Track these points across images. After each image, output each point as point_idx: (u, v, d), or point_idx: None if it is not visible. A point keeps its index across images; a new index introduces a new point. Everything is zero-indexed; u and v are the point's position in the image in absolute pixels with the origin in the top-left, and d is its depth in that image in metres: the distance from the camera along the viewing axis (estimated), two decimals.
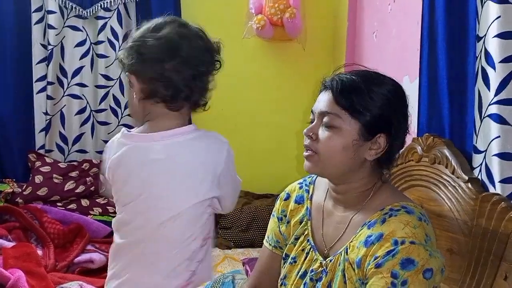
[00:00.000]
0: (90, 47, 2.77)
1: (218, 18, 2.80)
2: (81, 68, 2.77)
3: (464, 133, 1.53)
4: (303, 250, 1.16)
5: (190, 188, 1.10)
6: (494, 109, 1.30)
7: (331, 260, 1.08)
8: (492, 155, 1.31)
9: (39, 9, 2.67)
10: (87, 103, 2.80)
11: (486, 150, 1.35)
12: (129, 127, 3.00)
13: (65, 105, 2.77)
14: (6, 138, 2.68)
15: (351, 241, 1.06)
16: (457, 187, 1.42)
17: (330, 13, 2.93)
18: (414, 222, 1.00)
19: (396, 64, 2.13)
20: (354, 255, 1.03)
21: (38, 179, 2.58)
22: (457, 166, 1.43)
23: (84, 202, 2.58)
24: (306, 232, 1.17)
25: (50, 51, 2.69)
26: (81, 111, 2.80)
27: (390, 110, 1.06)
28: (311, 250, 1.14)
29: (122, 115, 2.81)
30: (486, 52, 1.32)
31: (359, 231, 1.05)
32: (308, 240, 1.16)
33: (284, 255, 1.22)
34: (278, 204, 1.27)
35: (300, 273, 1.14)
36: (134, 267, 1.13)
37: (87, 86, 2.79)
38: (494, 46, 1.30)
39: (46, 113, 2.73)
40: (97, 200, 2.61)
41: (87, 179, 2.66)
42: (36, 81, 2.70)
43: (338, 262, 1.06)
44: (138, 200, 1.10)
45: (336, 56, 2.89)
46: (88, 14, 2.73)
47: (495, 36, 1.29)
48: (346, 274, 1.04)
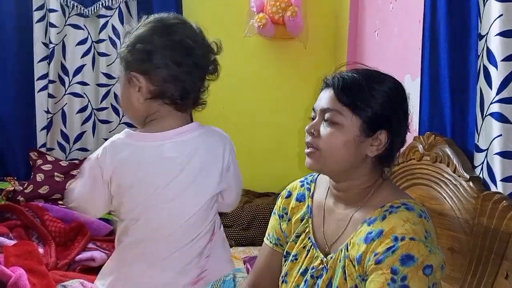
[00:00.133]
0: (91, 46, 2.77)
1: (219, 16, 2.80)
2: (82, 66, 2.77)
3: (466, 131, 1.53)
4: (304, 248, 1.16)
5: (201, 184, 1.10)
6: (495, 107, 1.30)
7: (331, 257, 1.08)
8: (494, 154, 1.31)
9: (40, 7, 2.67)
10: (89, 101, 2.80)
11: (487, 149, 1.34)
12: (129, 125, 2.98)
13: (66, 103, 2.77)
14: (7, 136, 2.68)
15: (352, 238, 1.06)
16: (458, 186, 1.41)
17: (331, 11, 2.93)
18: (414, 218, 1.00)
19: (398, 63, 2.13)
20: (354, 252, 1.03)
21: (40, 177, 2.58)
22: (458, 164, 1.43)
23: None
24: (307, 230, 1.17)
25: (51, 49, 2.70)
26: (82, 110, 2.80)
27: (391, 107, 1.06)
28: (312, 247, 1.14)
29: (123, 113, 2.81)
30: (488, 50, 1.32)
31: (360, 228, 1.05)
32: (309, 238, 1.16)
33: (285, 253, 1.22)
34: (280, 202, 1.28)
35: (301, 270, 1.14)
36: (139, 266, 1.11)
37: (88, 85, 2.79)
38: (496, 44, 1.29)
39: (48, 111, 2.73)
40: None
41: None
42: (37, 79, 2.70)
43: (339, 259, 1.07)
44: (148, 203, 1.08)
45: (337, 55, 2.89)
46: (90, 13, 2.73)
47: (497, 35, 1.29)
48: (347, 270, 1.04)
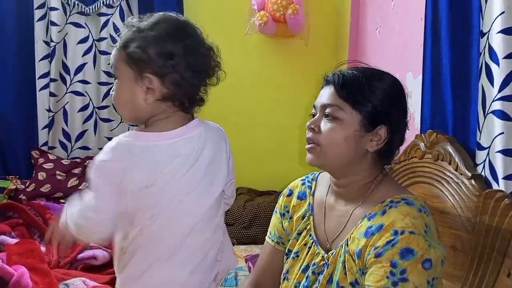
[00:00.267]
0: (92, 44, 2.77)
1: (220, 14, 2.80)
2: (83, 65, 2.77)
3: (468, 129, 1.53)
4: (305, 245, 1.17)
5: (213, 176, 1.10)
6: (497, 105, 1.30)
7: (332, 253, 1.09)
8: (496, 152, 1.31)
9: (41, 6, 2.67)
10: (90, 100, 2.81)
11: (489, 147, 1.34)
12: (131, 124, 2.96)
13: (68, 102, 2.78)
14: (9, 135, 2.69)
15: (352, 233, 1.07)
16: (460, 184, 1.41)
17: (332, 9, 2.93)
18: (414, 213, 1.01)
19: (399, 61, 2.12)
20: (354, 246, 1.04)
21: (41, 176, 2.59)
22: (460, 162, 1.43)
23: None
24: (308, 227, 1.18)
25: (52, 48, 2.70)
26: (84, 108, 2.80)
27: (390, 102, 1.08)
28: (313, 244, 1.15)
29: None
30: (490, 48, 1.32)
31: (360, 223, 1.06)
32: (310, 235, 1.17)
33: (286, 250, 1.22)
34: (281, 200, 1.28)
35: (302, 267, 1.15)
36: (164, 267, 1.07)
37: (89, 83, 2.80)
38: (498, 42, 1.29)
39: (49, 110, 2.74)
40: None
41: None
42: (39, 78, 2.71)
43: (339, 254, 1.07)
44: (166, 199, 1.06)
45: (338, 53, 2.88)
46: (91, 11, 2.73)
47: (499, 32, 1.28)
48: (347, 265, 1.05)
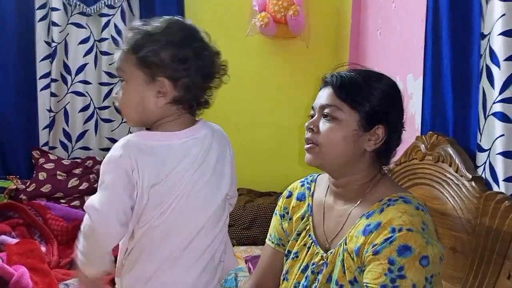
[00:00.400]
0: (94, 44, 2.78)
1: (221, 15, 2.80)
2: (84, 65, 2.77)
3: (468, 131, 1.53)
4: (304, 245, 1.17)
5: (220, 176, 1.11)
6: (498, 107, 1.30)
7: (331, 252, 1.10)
8: (496, 154, 1.31)
9: (43, 6, 2.67)
10: (91, 100, 2.80)
11: (490, 149, 1.34)
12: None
13: (68, 102, 2.78)
14: (10, 135, 2.68)
15: (350, 231, 1.08)
16: (460, 186, 1.41)
17: (333, 10, 2.93)
18: (412, 211, 1.02)
19: (400, 62, 2.12)
20: (352, 245, 1.05)
21: (42, 176, 2.59)
22: (461, 164, 1.43)
23: (88, 199, 2.58)
24: (307, 228, 1.19)
25: (54, 48, 2.70)
26: (84, 108, 2.80)
27: (388, 102, 1.10)
28: (313, 244, 1.15)
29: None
30: (491, 50, 1.32)
31: (358, 222, 1.07)
32: (309, 235, 1.17)
33: (286, 251, 1.22)
34: (281, 202, 1.29)
35: (302, 267, 1.15)
36: (174, 269, 1.07)
37: (90, 83, 2.79)
38: (498, 44, 1.29)
39: (50, 110, 2.74)
40: None
41: (91, 176, 2.66)
42: (40, 78, 2.70)
43: (338, 253, 1.08)
44: (175, 198, 1.05)
45: (339, 54, 2.88)
46: (92, 11, 2.73)
47: (500, 34, 1.28)
48: (345, 263, 1.06)
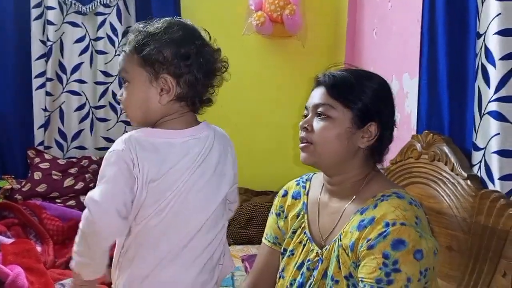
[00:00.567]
0: (89, 43, 2.76)
1: (217, 14, 2.79)
2: (80, 64, 2.76)
3: (464, 130, 1.53)
4: (300, 243, 1.18)
5: (221, 176, 1.11)
6: (493, 106, 1.30)
7: (326, 249, 1.11)
8: (492, 152, 1.31)
9: (38, 5, 2.66)
10: (86, 99, 2.79)
11: (485, 147, 1.35)
12: (127, 123, 2.94)
13: (64, 101, 2.76)
14: (5, 134, 2.67)
15: (345, 228, 1.09)
16: (456, 184, 1.42)
17: (330, 10, 2.93)
18: (405, 205, 1.04)
19: (396, 61, 2.13)
20: (347, 240, 1.06)
21: (37, 175, 2.58)
22: (456, 163, 1.43)
23: (83, 199, 2.55)
24: (303, 225, 1.20)
25: (49, 47, 2.68)
26: (80, 108, 2.79)
27: (380, 100, 1.12)
28: (308, 241, 1.16)
29: (121, 111, 2.79)
30: (486, 49, 1.32)
31: (352, 218, 1.08)
32: (305, 233, 1.18)
33: (282, 249, 1.23)
34: (276, 201, 1.30)
35: (297, 264, 1.16)
36: (172, 268, 1.07)
37: (86, 83, 2.78)
38: (494, 43, 1.30)
39: (45, 109, 2.72)
40: None
41: (86, 175, 2.65)
42: (35, 77, 2.69)
43: (333, 249, 1.09)
44: (175, 197, 1.05)
45: (335, 53, 2.88)
46: (88, 10, 2.72)
47: (495, 33, 1.29)
48: (340, 259, 1.07)
